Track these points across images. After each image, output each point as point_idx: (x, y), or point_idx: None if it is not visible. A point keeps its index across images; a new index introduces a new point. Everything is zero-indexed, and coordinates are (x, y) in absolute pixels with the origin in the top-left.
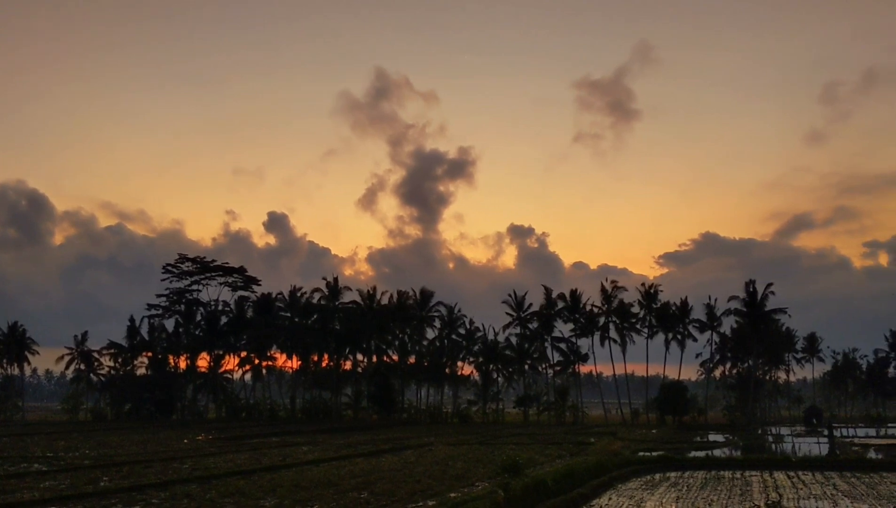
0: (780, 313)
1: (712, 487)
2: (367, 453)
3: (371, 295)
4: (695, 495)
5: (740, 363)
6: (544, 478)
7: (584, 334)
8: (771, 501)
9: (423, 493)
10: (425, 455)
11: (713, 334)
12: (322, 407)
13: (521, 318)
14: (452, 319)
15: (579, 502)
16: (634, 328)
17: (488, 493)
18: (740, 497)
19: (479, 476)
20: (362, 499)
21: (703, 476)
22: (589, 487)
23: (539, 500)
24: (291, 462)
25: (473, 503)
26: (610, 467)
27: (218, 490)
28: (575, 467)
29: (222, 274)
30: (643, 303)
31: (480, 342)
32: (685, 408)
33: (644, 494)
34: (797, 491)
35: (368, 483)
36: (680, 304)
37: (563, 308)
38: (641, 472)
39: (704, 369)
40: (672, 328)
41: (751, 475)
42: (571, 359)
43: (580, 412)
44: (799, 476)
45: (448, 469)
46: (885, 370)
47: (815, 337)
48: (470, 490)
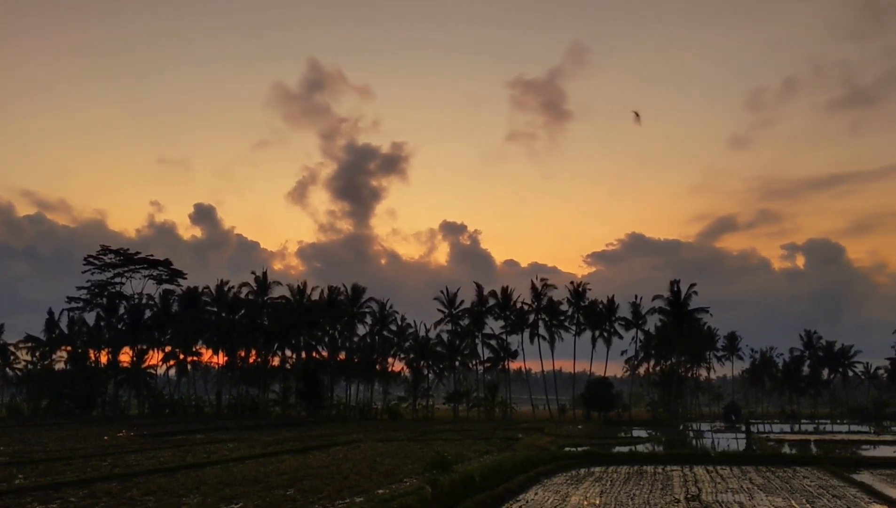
0: (702, 313)
1: (635, 481)
2: (295, 450)
3: (301, 290)
4: (618, 489)
5: (664, 361)
6: (472, 474)
7: (515, 331)
8: (691, 495)
9: (351, 490)
10: (354, 452)
11: (638, 332)
12: (249, 404)
13: (452, 315)
14: (384, 315)
15: (506, 497)
16: (563, 325)
17: (416, 489)
18: (661, 491)
19: (408, 473)
20: (289, 496)
21: (626, 470)
22: (516, 482)
23: (467, 495)
24: (216, 459)
25: (401, 499)
26: (537, 462)
27: (139, 487)
28: (503, 462)
29: (147, 267)
30: (572, 301)
31: (412, 339)
32: (611, 404)
33: (569, 489)
34: (715, 485)
35: (296, 480)
36: (607, 302)
37: (495, 305)
38: (567, 467)
39: (629, 366)
40: (599, 326)
41: (672, 469)
42: (501, 356)
43: (509, 408)
44: (717, 470)
45: (376, 466)
46: (799, 369)
47: (735, 336)
48: (398, 487)
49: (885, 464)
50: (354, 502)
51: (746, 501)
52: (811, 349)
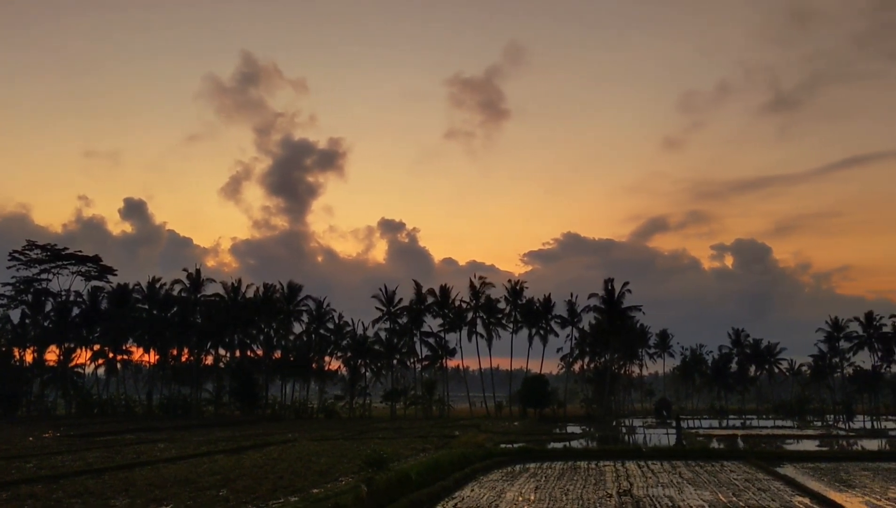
0: (635, 311)
1: (569, 477)
2: (228, 449)
3: (236, 288)
4: (552, 485)
5: (598, 358)
6: (408, 472)
7: (453, 329)
8: (623, 489)
9: (286, 489)
10: (289, 451)
11: (574, 329)
12: (181, 403)
13: (390, 313)
14: (321, 313)
15: (442, 494)
16: (500, 323)
17: (352, 488)
18: (595, 486)
19: (344, 472)
20: (221, 497)
21: (560, 466)
22: (452, 479)
23: (403, 493)
24: (146, 459)
25: (336, 498)
26: (473, 459)
27: (66, 489)
28: (439, 460)
29: (74, 263)
30: (509, 299)
31: (349, 337)
32: (546, 401)
33: (505, 485)
34: (646, 480)
35: (229, 481)
36: (543, 300)
37: (433, 303)
38: (503, 463)
39: (565, 363)
40: (536, 324)
41: (605, 464)
42: (440, 354)
43: (447, 405)
44: (649, 465)
45: (312, 465)
46: (728, 366)
47: (666, 334)
48: (334, 486)
49: (808, 458)
50: (289, 501)
51: (676, 495)
52: (739, 346)
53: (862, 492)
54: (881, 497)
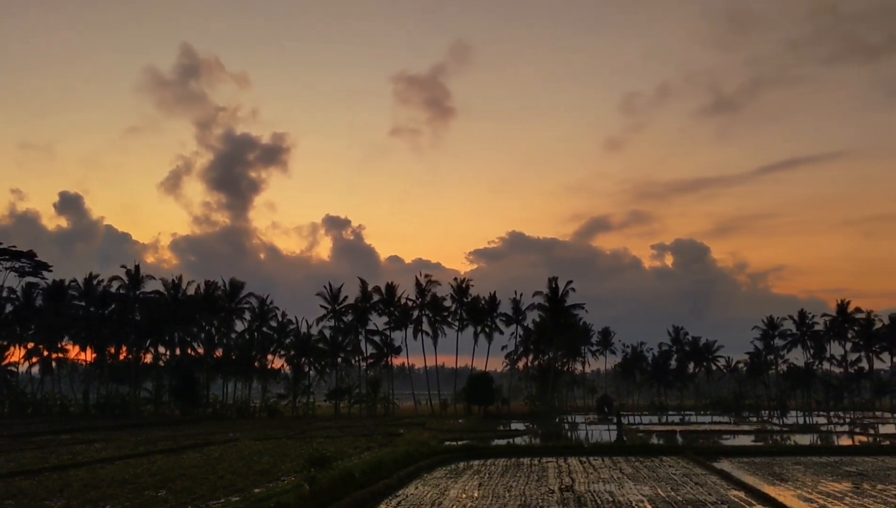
0: (578, 309)
1: (512, 473)
2: (168, 449)
3: (176, 285)
4: (496, 481)
5: (542, 355)
6: (352, 470)
7: (399, 327)
8: (564, 485)
9: (226, 489)
10: (230, 451)
11: (518, 327)
12: (119, 403)
13: (335, 311)
14: (264, 311)
15: (385, 492)
16: (446, 321)
17: (294, 487)
18: (537, 482)
19: (286, 471)
20: (160, 497)
21: (504, 463)
22: (396, 477)
23: (346, 492)
24: (83, 460)
25: (278, 497)
26: (417, 457)
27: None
28: (383, 458)
29: (8, 258)
30: (455, 297)
31: (293, 335)
32: (491, 398)
33: (448, 482)
34: (588, 476)
35: (167, 481)
36: (489, 298)
37: (379, 301)
38: (447, 461)
39: (509, 360)
40: (481, 322)
41: (547, 461)
42: (385, 352)
43: (391, 403)
44: (590, 461)
45: (253, 465)
46: (667, 363)
47: (608, 331)
48: (276, 485)
49: (743, 452)
50: (230, 501)
51: (616, 490)
52: (678, 344)
53: (794, 485)
54: (812, 490)
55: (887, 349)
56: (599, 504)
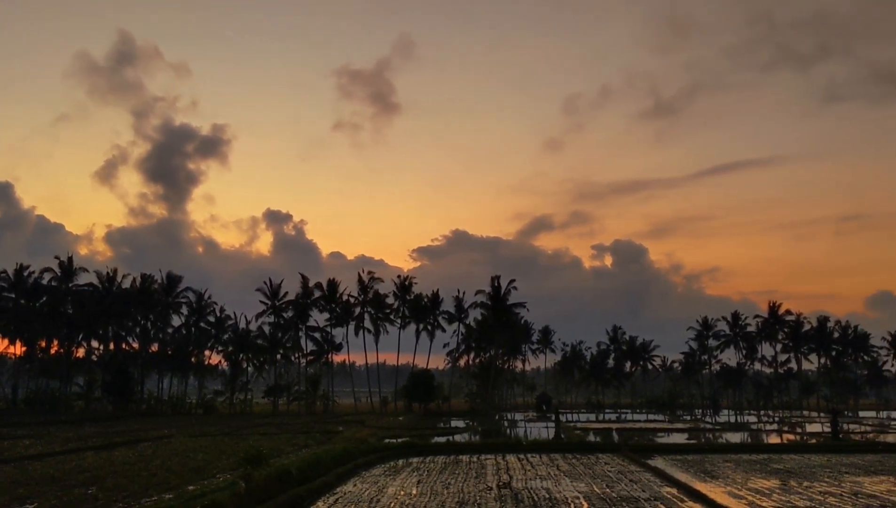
0: (520, 307)
1: (451, 470)
2: (99, 446)
3: (111, 277)
4: (434, 479)
5: (483, 353)
6: (289, 467)
7: (340, 323)
8: (502, 482)
9: (159, 487)
10: (164, 448)
11: (460, 325)
12: (49, 398)
13: (275, 306)
14: (201, 306)
15: (323, 490)
16: (388, 318)
17: (229, 485)
18: (476, 479)
19: (221, 468)
20: (90, 495)
21: (443, 460)
22: (334, 475)
23: (282, 489)
24: (10, 456)
25: (213, 495)
26: (356, 454)
27: None
28: (321, 455)
29: None
30: (398, 294)
31: (231, 331)
32: (432, 396)
33: (387, 479)
34: (525, 473)
35: (98, 478)
36: (432, 296)
37: (320, 298)
38: (386, 458)
39: (451, 358)
40: (423, 319)
41: (486, 458)
42: (325, 349)
43: (331, 401)
44: (528, 458)
45: (188, 462)
46: (605, 361)
47: (549, 330)
48: (210, 483)
49: (677, 450)
50: (163, 499)
51: (553, 487)
52: (616, 343)
53: (724, 483)
54: (741, 487)
55: (815, 350)
56: (536, 500)
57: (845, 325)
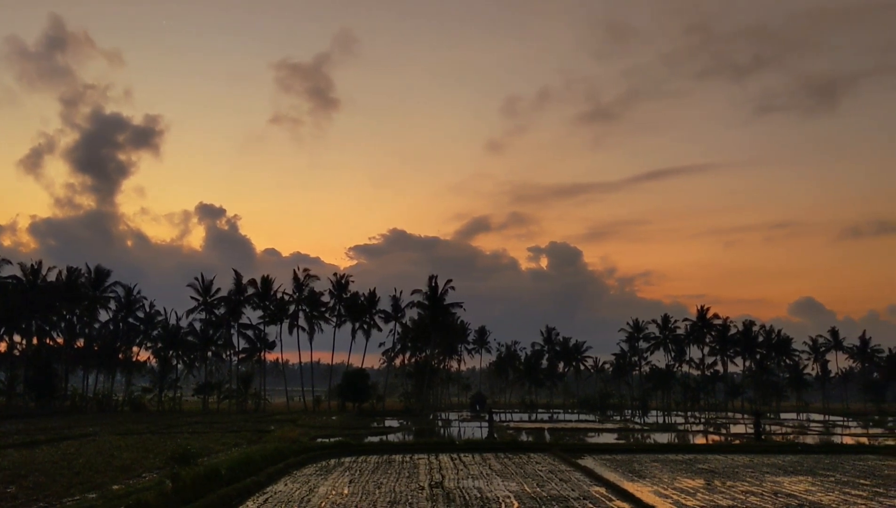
0: (457, 307)
1: (383, 470)
2: (20, 444)
3: (35, 270)
4: (367, 478)
5: (419, 353)
6: (218, 467)
7: (274, 321)
8: (435, 482)
9: (83, 486)
10: (88, 446)
11: (397, 324)
12: None
13: (207, 303)
14: (130, 301)
15: (253, 489)
16: (324, 316)
17: (155, 484)
18: (408, 479)
19: (148, 467)
20: (9, 494)
21: (376, 460)
22: (264, 474)
23: (211, 489)
24: None
25: (138, 494)
26: (287, 454)
27: None
28: (251, 455)
29: None
30: (334, 293)
31: (161, 327)
32: (366, 395)
33: (318, 479)
34: (458, 472)
35: (18, 477)
36: (368, 295)
37: (253, 295)
38: (318, 458)
39: (386, 357)
40: (360, 318)
41: (419, 457)
42: (258, 346)
43: (263, 400)
44: (461, 457)
45: (113, 460)
46: (539, 362)
47: (485, 330)
48: (136, 482)
49: (606, 450)
50: (86, 498)
51: (485, 486)
52: (550, 344)
53: (651, 482)
54: (668, 487)
55: (740, 353)
56: (468, 500)
57: (770, 329)
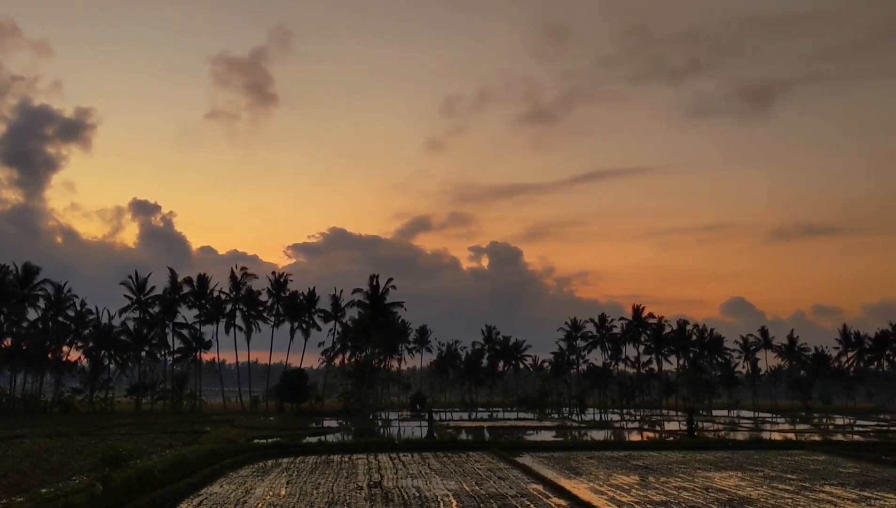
0: (398, 307)
1: (321, 471)
2: None
3: None
4: (304, 479)
5: (359, 352)
6: (151, 469)
7: (210, 320)
8: (373, 482)
9: (9, 489)
10: (15, 448)
11: (336, 324)
12: None
13: (141, 301)
14: (60, 299)
15: (187, 491)
16: (262, 316)
17: (86, 487)
18: (346, 479)
19: (78, 470)
20: None
21: (314, 460)
22: (199, 476)
23: (143, 491)
24: None
25: (67, 498)
26: (223, 455)
27: None
28: (186, 456)
29: None
30: (272, 292)
31: (92, 326)
32: (305, 395)
33: (255, 480)
34: (397, 472)
35: None
36: (307, 294)
37: (189, 293)
38: (255, 459)
39: (326, 357)
40: (298, 318)
41: (358, 457)
42: (194, 346)
43: (199, 400)
44: (400, 457)
45: (41, 463)
46: (479, 361)
47: (426, 329)
48: (66, 485)
49: (544, 448)
50: (14, 502)
51: (423, 485)
52: (490, 342)
53: (588, 479)
54: (603, 483)
55: (675, 352)
56: (406, 499)
57: (702, 329)
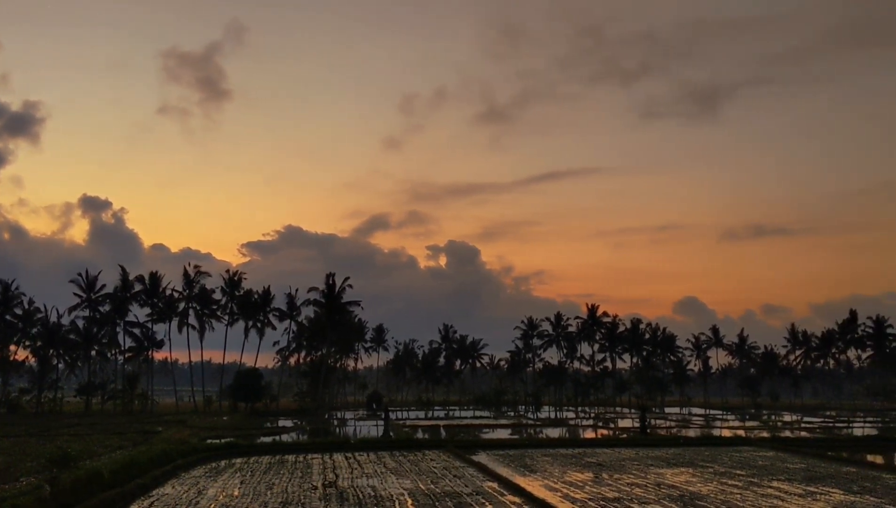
0: (354, 306)
1: (276, 471)
2: None
3: None
4: (258, 479)
5: (315, 352)
6: (100, 469)
7: (162, 319)
8: (328, 481)
9: None
10: None
11: (292, 323)
12: None
13: (91, 299)
14: (7, 297)
15: (137, 492)
16: (215, 314)
17: (33, 489)
18: (301, 478)
19: (25, 471)
20: None
21: (268, 460)
22: (150, 477)
23: (93, 493)
24: None
25: (14, 500)
26: (175, 455)
27: None
28: (136, 457)
29: None
30: (226, 290)
31: (40, 325)
32: (259, 395)
33: (207, 481)
34: (352, 471)
35: None
36: (262, 292)
37: (141, 291)
38: (208, 459)
39: (281, 356)
40: (253, 316)
41: (313, 457)
42: (145, 345)
43: (150, 400)
44: (356, 456)
45: None
46: (436, 360)
47: (382, 328)
48: (12, 487)
49: (500, 446)
50: None
51: (379, 484)
52: (447, 341)
53: (542, 476)
54: (558, 480)
55: (628, 350)
56: (361, 498)
57: (655, 327)
